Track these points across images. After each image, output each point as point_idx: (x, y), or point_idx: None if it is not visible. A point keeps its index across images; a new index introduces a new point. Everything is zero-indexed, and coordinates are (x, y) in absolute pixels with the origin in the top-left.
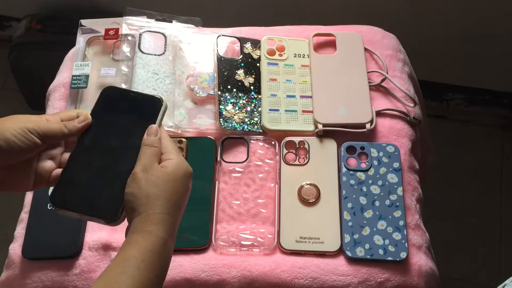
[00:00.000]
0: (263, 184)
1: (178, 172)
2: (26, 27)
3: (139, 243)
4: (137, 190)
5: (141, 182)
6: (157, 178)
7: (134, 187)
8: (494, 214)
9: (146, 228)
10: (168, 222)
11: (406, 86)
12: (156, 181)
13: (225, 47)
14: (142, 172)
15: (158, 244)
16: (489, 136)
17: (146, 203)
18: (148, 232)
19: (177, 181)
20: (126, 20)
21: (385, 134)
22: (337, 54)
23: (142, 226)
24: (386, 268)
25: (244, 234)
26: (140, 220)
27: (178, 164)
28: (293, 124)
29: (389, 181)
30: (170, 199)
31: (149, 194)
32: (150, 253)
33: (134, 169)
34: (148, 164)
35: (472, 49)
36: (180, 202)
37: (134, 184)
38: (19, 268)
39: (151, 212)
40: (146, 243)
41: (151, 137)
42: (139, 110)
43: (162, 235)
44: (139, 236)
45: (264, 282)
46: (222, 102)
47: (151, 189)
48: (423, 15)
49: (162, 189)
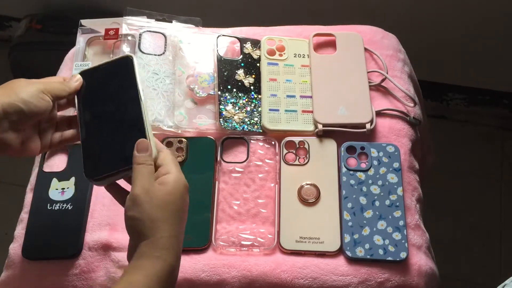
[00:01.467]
0: (263, 184)
1: (178, 190)
2: (26, 27)
3: (147, 269)
4: (140, 214)
5: (144, 205)
6: (160, 201)
7: (137, 210)
8: (494, 214)
9: (156, 254)
10: (177, 245)
11: (406, 86)
12: (160, 203)
13: (225, 47)
14: (143, 195)
15: (167, 271)
16: (489, 136)
17: (152, 227)
18: (157, 257)
19: (179, 200)
20: (126, 20)
21: (385, 134)
22: (337, 54)
23: (151, 251)
24: (386, 268)
25: (244, 234)
26: (149, 246)
27: (177, 180)
28: (293, 124)
29: (389, 181)
30: (176, 220)
31: (154, 218)
32: (157, 279)
33: (132, 191)
34: (146, 184)
35: (472, 49)
36: (183, 220)
37: (136, 207)
38: (19, 268)
39: (159, 236)
40: (155, 269)
41: (142, 155)
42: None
43: (171, 261)
44: (148, 262)
45: (264, 282)
46: (222, 102)
47: (156, 213)
48: (423, 15)
49: (167, 211)
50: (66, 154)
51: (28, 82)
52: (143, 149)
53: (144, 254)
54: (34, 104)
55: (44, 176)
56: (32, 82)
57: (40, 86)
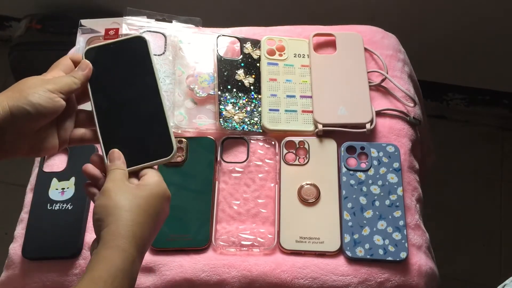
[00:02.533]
0: (263, 184)
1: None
2: (26, 27)
3: (107, 260)
4: (105, 201)
5: (111, 193)
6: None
7: (103, 198)
8: (494, 214)
9: (116, 242)
10: (139, 234)
11: (406, 86)
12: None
13: (225, 47)
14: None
15: (127, 262)
16: (489, 136)
17: (115, 213)
18: (116, 247)
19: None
20: (126, 20)
21: (385, 134)
22: (337, 54)
23: (111, 239)
24: (386, 268)
25: (244, 234)
26: (109, 233)
27: (156, 184)
28: (293, 124)
29: (389, 181)
30: (143, 211)
31: (119, 205)
32: (118, 272)
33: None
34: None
35: (472, 49)
36: (154, 219)
37: (103, 196)
38: (19, 268)
39: (121, 224)
40: (114, 260)
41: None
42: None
43: (131, 250)
44: (108, 252)
45: (264, 282)
46: (222, 102)
47: (122, 200)
48: (423, 15)
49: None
50: (66, 154)
51: (37, 82)
52: (114, 159)
53: (105, 242)
54: (43, 106)
55: (44, 176)
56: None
57: (49, 86)
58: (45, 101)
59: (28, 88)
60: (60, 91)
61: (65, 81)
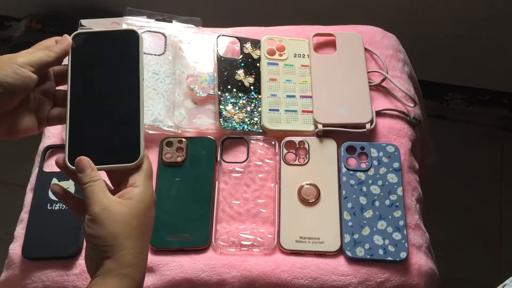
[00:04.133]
0: (263, 184)
1: (143, 204)
2: (26, 27)
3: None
4: (101, 231)
5: (105, 222)
6: (121, 216)
7: (98, 228)
8: (494, 214)
9: (122, 271)
10: (142, 261)
11: (406, 86)
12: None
13: (225, 47)
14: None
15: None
16: (489, 136)
17: (115, 244)
18: (123, 275)
19: (142, 214)
20: (126, 20)
21: (385, 134)
22: (337, 54)
23: (117, 269)
24: (386, 268)
25: (244, 234)
26: (114, 264)
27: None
28: (293, 124)
29: (389, 181)
30: (140, 236)
31: (116, 235)
32: None
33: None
34: (104, 201)
35: (472, 49)
36: (148, 235)
37: (96, 225)
38: (19, 268)
39: (125, 253)
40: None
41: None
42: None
43: (138, 278)
44: (114, 280)
45: (264, 282)
46: (222, 102)
47: (117, 229)
48: (423, 15)
49: (129, 227)
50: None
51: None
52: (84, 168)
53: (110, 272)
54: (11, 83)
55: (44, 176)
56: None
57: (18, 59)
58: (12, 77)
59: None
60: (30, 64)
61: (37, 55)
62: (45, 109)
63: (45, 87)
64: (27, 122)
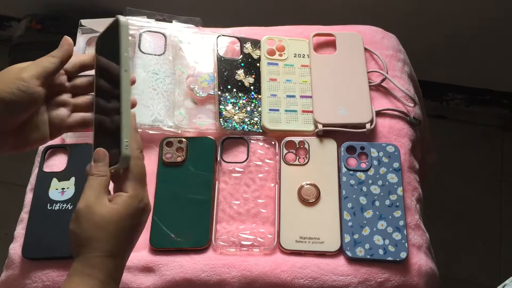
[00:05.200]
0: (263, 184)
1: (127, 210)
2: (26, 27)
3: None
4: (78, 229)
5: (83, 222)
6: (101, 218)
7: (76, 225)
8: (494, 214)
9: (86, 271)
10: (112, 265)
11: (406, 86)
12: (99, 222)
13: (225, 47)
14: (84, 210)
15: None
16: (489, 136)
17: (86, 245)
18: (87, 275)
19: (124, 221)
20: None
21: (385, 134)
22: (337, 54)
23: (82, 269)
24: (386, 268)
25: (244, 234)
26: (81, 263)
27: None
28: (293, 124)
29: (389, 181)
30: (114, 241)
31: (90, 236)
32: None
33: (78, 204)
34: (92, 199)
35: (472, 49)
36: (127, 242)
37: (76, 222)
38: (19, 268)
39: (91, 256)
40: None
41: (98, 165)
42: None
43: (103, 278)
44: (80, 280)
45: (264, 282)
46: (222, 102)
47: (92, 231)
48: (423, 15)
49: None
50: (66, 154)
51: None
52: (99, 159)
53: (77, 271)
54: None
55: (44, 176)
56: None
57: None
58: (18, 95)
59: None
60: (36, 77)
61: (41, 64)
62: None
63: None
64: (35, 135)
